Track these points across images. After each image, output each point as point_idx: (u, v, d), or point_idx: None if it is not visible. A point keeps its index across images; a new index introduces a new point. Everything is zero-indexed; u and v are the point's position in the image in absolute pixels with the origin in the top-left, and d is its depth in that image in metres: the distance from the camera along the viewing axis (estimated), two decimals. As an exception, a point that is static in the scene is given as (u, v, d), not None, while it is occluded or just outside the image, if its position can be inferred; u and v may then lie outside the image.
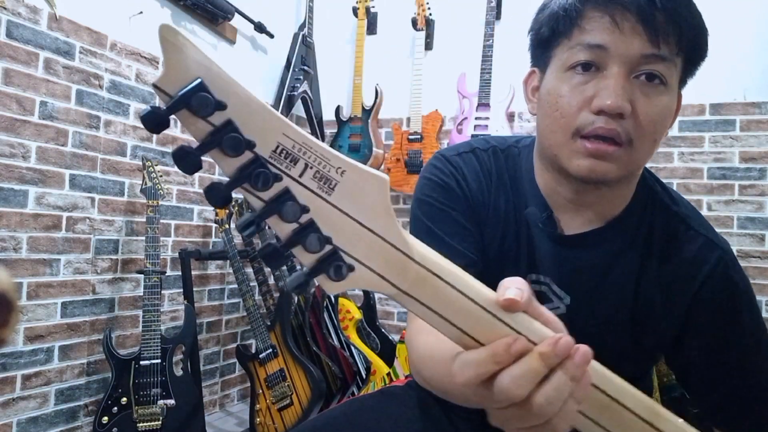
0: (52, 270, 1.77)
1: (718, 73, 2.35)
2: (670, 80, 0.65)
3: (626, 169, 0.67)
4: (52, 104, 1.76)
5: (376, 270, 0.37)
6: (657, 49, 0.63)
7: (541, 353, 0.37)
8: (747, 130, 2.35)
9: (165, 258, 2.17)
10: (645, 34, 0.62)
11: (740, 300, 0.73)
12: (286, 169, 0.34)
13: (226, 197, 0.34)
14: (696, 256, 0.73)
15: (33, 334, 1.72)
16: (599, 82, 0.64)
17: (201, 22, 2.34)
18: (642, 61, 0.64)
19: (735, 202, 2.34)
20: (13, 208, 1.66)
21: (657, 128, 0.66)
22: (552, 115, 0.69)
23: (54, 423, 1.78)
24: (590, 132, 0.65)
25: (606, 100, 0.63)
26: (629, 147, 0.65)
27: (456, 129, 2.64)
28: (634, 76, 0.64)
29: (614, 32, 0.63)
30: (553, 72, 0.70)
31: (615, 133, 0.64)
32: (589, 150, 0.65)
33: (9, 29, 1.64)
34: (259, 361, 2.12)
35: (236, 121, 0.33)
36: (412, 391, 0.93)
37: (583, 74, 0.66)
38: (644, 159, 0.68)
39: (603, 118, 0.64)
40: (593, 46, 0.64)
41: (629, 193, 0.75)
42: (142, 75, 2.07)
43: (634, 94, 0.64)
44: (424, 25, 2.77)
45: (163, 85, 0.33)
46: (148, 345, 1.80)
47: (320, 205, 0.35)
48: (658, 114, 0.65)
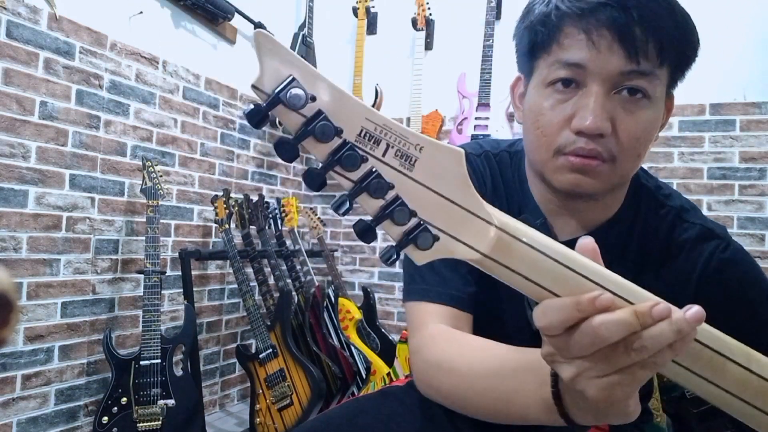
0: (52, 270, 1.77)
1: (718, 73, 2.35)
2: (653, 93, 0.64)
3: (610, 183, 0.67)
4: (52, 104, 1.76)
5: (460, 238, 0.40)
6: (636, 65, 0.61)
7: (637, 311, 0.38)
8: (747, 130, 2.35)
9: (165, 258, 2.17)
10: (623, 51, 0.61)
11: (745, 283, 0.72)
12: (370, 150, 0.37)
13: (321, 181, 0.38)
14: (693, 247, 0.73)
15: (33, 334, 1.72)
16: (579, 101, 0.64)
17: (201, 22, 2.34)
18: (622, 78, 0.62)
19: (735, 202, 2.34)
20: (13, 208, 1.66)
21: (640, 143, 0.65)
22: (534, 133, 0.68)
23: (54, 423, 1.78)
24: (571, 152, 0.65)
25: (584, 121, 0.62)
26: (612, 163, 0.65)
27: (456, 129, 2.64)
28: (615, 92, 0.63)
29: (591, 50, 0.62)
30: (534, 86, 0.69)
31: (596, 152, 0.64)
32: (573, 164, 0.65)
33: (9, 29, 1.64)
34: (259, 361, 2.12)
35: (325, 111, 0.37)
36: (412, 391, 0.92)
37: (563, 91, 0.65)
38: (629, 172, 0.68)
39: (583, 138, 0.63)
40: (571, 65, 0.63)
41: (622, 195, 0.75)
42: (142, 75, 2.07)
43: (615, 111, 0.63)
44: (424, 25, 2.77)
45: (260, 85, 0.37)
46: (148, 345, 1.80)
47: (404, 181, 0.38)
48: (641, 130, 0.64)
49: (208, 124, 2.40)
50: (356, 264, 3.03)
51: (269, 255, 2.35)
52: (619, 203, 0.75)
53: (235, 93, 2.55)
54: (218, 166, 2.44)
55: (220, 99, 2.47)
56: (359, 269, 3.02)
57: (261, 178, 2.71)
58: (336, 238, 3.07)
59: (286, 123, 0.38)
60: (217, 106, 2.44)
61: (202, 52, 2.37)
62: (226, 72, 2.48)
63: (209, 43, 2.41)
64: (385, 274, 2.96)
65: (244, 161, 2.61)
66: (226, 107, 2.50)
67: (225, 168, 2.48)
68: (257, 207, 2.36)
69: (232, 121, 2.54)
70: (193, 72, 2.31)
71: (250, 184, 2.63)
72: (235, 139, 2.55)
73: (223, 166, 2.46)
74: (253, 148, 2.67)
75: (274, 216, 2.50)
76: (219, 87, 2.45)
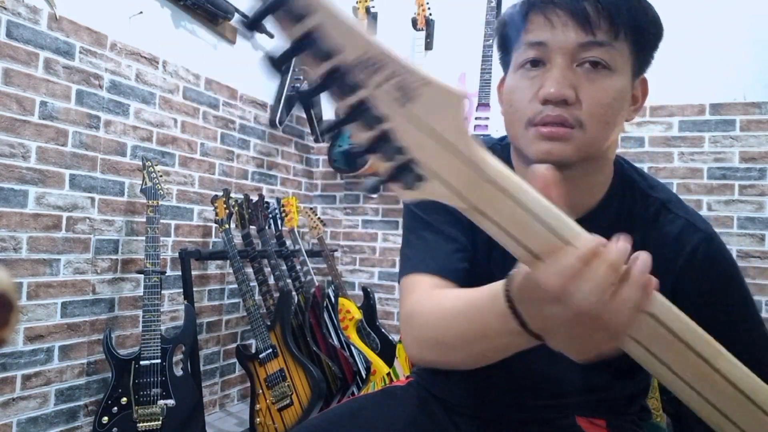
0: (52, 270, 1.77)
1: (718, 73, 2.35)
2: (614, 64, 0.69)
3: (582, 149, 0.70)
4: (52, 104, 1.76)
5: (447, 183, 0.38)
6: (592, 37, 0.67)
7: None
8: (747, 130, 2.35)
9: (165, 258, 2.17)
10: (577, 25, 0.67)
11: (724, 279, 0.74)
12: (368, 77, 0.35)
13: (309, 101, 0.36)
14: (677, 239, 0.74)
15: (33, 334, 1.72)
16: (544, 75, 0.70)
17: (201, 22, 2.34)
18: (580, 50, 0.68)
19: (735, 202, 2.34)
20: (13, 208, 1.66)
21: (607, 111, 0.69)
22: (509, 111, 0.75)
23: (54, 423, 1.78)
24: (539, 120, 0.69)
25: (549, 89, 0.68)
26: (580, 128, 0.69)
27: (456, 129, 2.64)
28: (577, 65, 0.69)
29: (551, 28, 0.69)
30: (510, 72, 0.76)
31: (562, 118, 0.68)
32: (543, 133, 0.69)
33: (9, 29, 1.64)
34: (259, 361, 2.12)
35: (326, 26, 0.33)
36: (412, 391, 0.93)
37: (532, 70, 0.71)
38: (600, 139, 0.71)
39: (549, 106, 0.68)
40: (534, 44, 0.70)
41: (605, 182, 0.78)
42: (142, 75, 2.07)
43: (579, 80, 0.68)
44: (424, 25, 2.77)
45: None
46: (148, 345, 1.80)
47: (398, 114, 0.36)
48: (605, 96, 0.69)
49: (208, 124, 2.40)
50: (356, 264, 3.03)
51: (269, 255, 2.35)
52: (604, 190, 0.77)
53: (235, 93, 2.55)
54: (218, 166, 2.44)
55: (220, 99, 2.47)
56: (359, 269, 3.02)
57: (261, 178, 2.71)
58: (336, 238, 3.07)
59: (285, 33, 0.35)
60: (217, 106, 2.44)
61: (202, 52, 2.37)
62: (226, 72, 2.48)
63: (209, 43, 2.41)
64: (385, 274, 2.96)
65: (244, 161, 2.61)
66: (226, 107, 2.50)
67: (225, 168, 2.48)
68: (257, 207, 2.36)
69: (232, 121, 2.54)
70: (193, 72, 2.31)
71: (250, 184, 2.63)
72: (235, 139, 2.55)
73: (223, 166, 2.46)
74: (253, 148, 2.67)
75: (274, 216, 2.50)
76: (219, 87, 2.45)
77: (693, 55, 2.38)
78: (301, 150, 3.05)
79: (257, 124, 2.70)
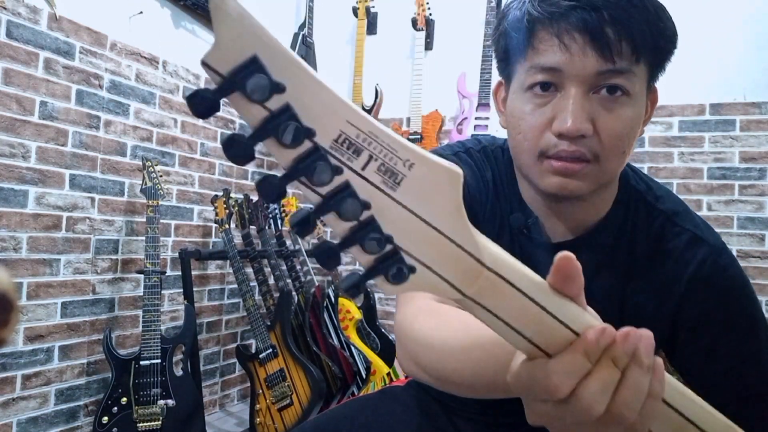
0: (52, 270, 1.77)
1: (718, 73, 2.35)
2: (632, 90, 0.64)
3: (596, 183, 0.67)
4: (52, 104, 1.76)
5: (441, 274, 0.34)
6: (612, 64, 0.61)
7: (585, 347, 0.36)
8: (747, 130, 2.35)
9: (165, 258, 2.17)
10: (596, 52, 0.61)
11: (732, 295, 0.70)
12: (347, 161, 0.30)
13: (281, 192, 0.30)
14: (682, 254, 0.71)
15: (33, 334, 1.72)
16: (558, 103, 0.64)
17: (201, 22, 2.34)
18: (599, 78, 0.62)
19: (735, 202, 2.34)
20: (13, 208, 1.66)
21: (623, 141, 0.65)
22: (516, 138, 0.69)
23: (54, 423, 1.78)
24: (554, 155, 0.65)
25: (565, 123, 0.62)
26: (596, 163, 0.64)
27: (456, 129, 2.64)
28: (593, 92, 0.63)
29: (565, 54, 0.62)
30: (514, 91, 0.70)
31: (579, 153, 0.63)
32: (557, 168, 0.65)
33: (9, 29, 1.64)
34: (259, 361, 2.12)
35: (295, 106, 0.29)
36: (412, 391, 0.93)
37: (542, 95, 0.65)
38: (615, 170, 0.68)
39: (565, 141, 0.63)
40: (547, 69, 0.64)
41: (611, 197, 0.74)
42: (142, 75, 2.07)
43: (595, 111, 0.63)
44: (424, 25, 2.77)
45: (213, 63, 0.29)
46: (148, 345, 1.80)
47: (383, 201, 0.31)
48: (622, 127, 0.64)
49: (208, 124, 2.40)
50: (356, 264, 3.03)
51: (269, 255, 2.35)
52: (609, 205, 0.74)
53: (235, 93, 2.55)
54: (218, 166, 2.44)
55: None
56: (359, 269, 3.02)
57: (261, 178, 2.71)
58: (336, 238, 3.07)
59: (243, 115, 0.30)
60: (217, 106, 2.44)
61: (202, 52, 2.35)
62: (226, 72, 2.48)
63: (209, 43, 2.40)
64: (385, 274, 2.95)
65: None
66: (226, 107, 2.50)
67: (225, 168, 2.48)
68: (257, 207, 2.36)
69: (232, 121, 2.54)
70: (193, 72, 2.31)
71: (250, 184, 2.63)
72: (235, 139, 2.55)
73: (223, 166, 2.46)
74: (253, 148, 2.67)
75: (274, 216, 2.50)
76: (219, 87, 2.45)
77: (693, 55, 2.38)
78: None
79: (257, 124, 2.69)
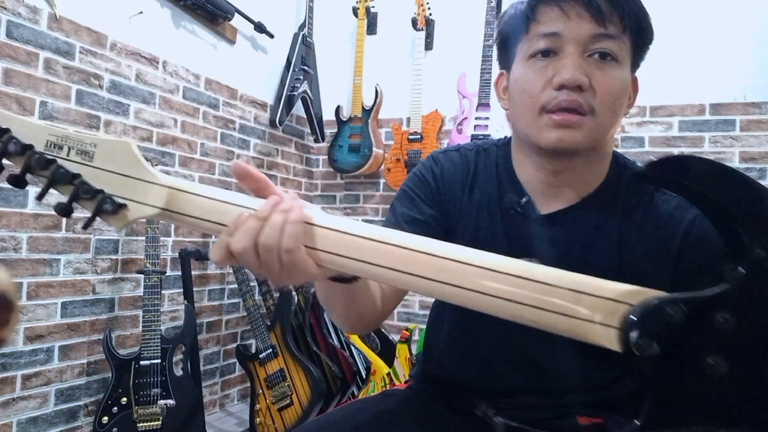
0: (52, 270, 1.77)
1: (718, 73, 2.35)
2: (621, 57, 0.73)
3: (592, 137, 0.73)
4: (52, 104, 1.76)
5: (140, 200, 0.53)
6: (604, 29, 0.71)
7: None
8: (747, 130, 2.35)
9: (165, 258, 2.17)
10: (591, 17, 0.71)
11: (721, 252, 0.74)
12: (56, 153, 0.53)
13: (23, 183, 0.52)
14: (673, 216, 0.76)
15: (33, 334, 1.72)
16: (557, 63, 0.73)
17: (201, 22, 2.34)
18: (593, 41, 0.72)
19: (735, 202, 2.34)
20: (13, 208, 1.66)
21: (615, 99, 0.73)
22: (520, 98, 0.77)
23: (54, 423, 1.78)
24: (554, 106, 0.72)
25: (565, 75, 0.71)
26: (592, 116, 0.72)
27: (456, 129, 2.64)
28: (588, 55, 0.72)
29: (565, 20, 0.72)
30: (518, 64, 0.79)
31: (577, 104, 0.71)
32: (556, 121, 0.72)
33: (9, 29, 1.64)
34: (259, 361, 2.12)
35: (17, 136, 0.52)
36: (412, 393, 0.93)
37: (544, 59, 0.74)
38: (608, 127, 0.75)
39: (564, 92, 0.71)
40: (548, 35, 0.73)
41: (602, 173, 0.80)
42: (142, 75, 2.07)
43: (590, 69, 0.72)
44: (424, 25, 2.77)
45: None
46: (148, 345, 1.80)
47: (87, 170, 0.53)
48: (614, 86, 0.73)
49: (208, 124, 2.40)
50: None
51: (269, 255, 2.34)
52: (601, 178, 0.80)
53: (235, 93, 2.55)
54: (218, 166, 2.44)
55: (220, 99, 2.47)
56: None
57: (261, 178, 2.71)
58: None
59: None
60: (217, 106, 2.44)
61: (202, 52, 2.37)
62: (226, 72, 2.48)
63: (209, 43, 2.41)
64: (385, 274, 2.95)
65: (244, 161, 2.61)
66: (226, 107, 2.50)
67: (225, 168, 2.48)
68: (257, 207, 2.36)
69: (232, 121, 2.54)
70: (193, 72, 2.31)
71: (250, 184, 2.63)
72: (235, 139, 2.55)
73: (223, 166, 2.46)
74: (253, 148, 2.67)
75: (274, 216, 2.50)
76: (219, 87, 2.45)
77: (693, 55, 2.38)
78: (301, 150, 3.05)
79: (257, 124, 2.70)
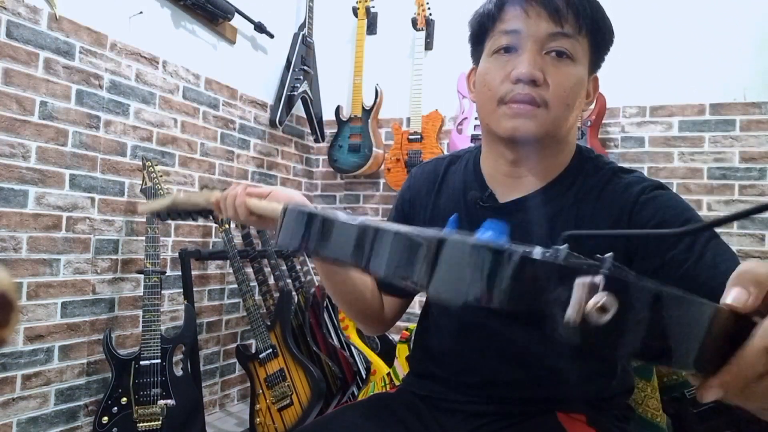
0: (52, 270, 1.77)
1: (718, 73, 2.35)
2: (577, 55, 0.79)
3: (544, 127, 0.78)
4: (52, 104, 1.76)
5: None
6: (561, 28, 0.77)
7: None
8: (747, 130, 2.35)
9: (165, 258, 2.17)
10: (549, 17, 0.77)
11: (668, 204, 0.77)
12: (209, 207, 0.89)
13: None
14: (623, 192, 0.80)
15: (33, 334, 1.72)
16: (516, 58, 0.79)
17: (201, 22, 2.34)
18: (549, 39, 0.77)
19: (735, 202, 2.34)
20: (13, 208, 1.66)
21: (569, 94, 0.78)
22: (482, 91, 0.83)
23: (54, 423, 1.78)
24: (510, 98, 0.78)
25: (521, 69, 0.77)
26: (545, 108, 0.77)
27: (456, 129, 2.64)
28: (545, 53, 0.78)
29: (525, 18, 0.78)
30: (483, 59, 0.85)
31: (530, 97, 0.77)
32: (513, 110, 0.78)
33: (9, 29, 1.64)
34: (259, 361, 2.12)
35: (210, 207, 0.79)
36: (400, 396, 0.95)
37: (506, 55, 0.80)
38: (561, 120, 0.79)
39: (520, 85, 0.77)
40: (510, 32, 0.79)
41: (562, 163, 0.85)
42: (142, 75, 2.07)
43: (546, 66, 0.78)
44: (424, 25, 2.77)
45: None
46: (148, 345, 1.80)
47: None
48: (568, 81, 0.78)
49: (208, 124, 2.40)
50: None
51: (269, 255, 2.35)
52: (560, 170, 0.85)
53: (235, 93, 2.55)
54: (218, 166, 2.44)
55: (220, 99, 2.47)
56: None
57: (261, 178, 2.71)
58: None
59: None
60: (217, 106, 2.44)
61: (202, 52, 2.37)
62: (226, 72, 2.48)
63: (209, 43, 2.41)
64: (385, 274, 2.95)
65: (244, 161, 2.61)
66: (226, 107, 2.50)
67: (225, 168, 2.48)
68: (257, 207, 2.36)
69: (232, 121, 2.54)
70: (193, 72, 2.31)
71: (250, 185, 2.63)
72: (235, 139, 2.55)
73: (223, 166, 2.46)
74: (253, 148, 2.67)
75: (274, 216, 2.50)
76: (219, 87, 2.45)
77: (693, 55, 2.38)
78: (301, 150, 3.05)
79: (257, 124, 2.70)
